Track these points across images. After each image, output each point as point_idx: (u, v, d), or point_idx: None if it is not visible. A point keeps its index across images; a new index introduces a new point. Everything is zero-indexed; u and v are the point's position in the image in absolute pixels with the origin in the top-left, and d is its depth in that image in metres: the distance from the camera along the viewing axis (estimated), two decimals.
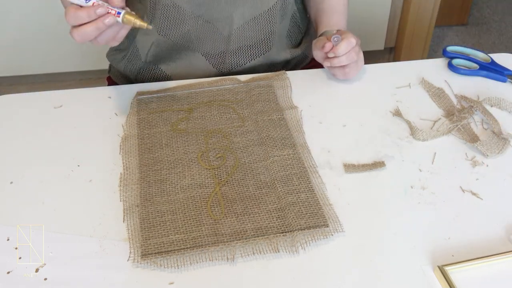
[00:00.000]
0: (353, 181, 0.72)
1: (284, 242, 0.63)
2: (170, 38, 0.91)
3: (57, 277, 0.60)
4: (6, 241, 0.64)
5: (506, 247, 0.63)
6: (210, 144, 0.77)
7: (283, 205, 0.67)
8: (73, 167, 0.74)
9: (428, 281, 0.59)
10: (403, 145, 0.78)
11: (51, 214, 0.68)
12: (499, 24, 2.54)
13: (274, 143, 0.76)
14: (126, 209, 0.67)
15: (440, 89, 0.88)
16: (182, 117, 0.82)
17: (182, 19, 0.88)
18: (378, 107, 0.85)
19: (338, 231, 0.65)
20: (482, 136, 0.79)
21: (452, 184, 0.72)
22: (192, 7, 0.86)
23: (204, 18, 0.88)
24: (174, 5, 0.86)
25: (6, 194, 0.70)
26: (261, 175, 0.72)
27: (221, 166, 0.73)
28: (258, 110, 0.83)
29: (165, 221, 0.65)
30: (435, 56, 2.31)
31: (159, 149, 0.76)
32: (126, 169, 0.73)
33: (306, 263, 0.62)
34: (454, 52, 0.96)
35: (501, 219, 0.66)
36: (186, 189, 0.70)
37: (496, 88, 0.89)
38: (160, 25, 0.89)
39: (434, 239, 0.64)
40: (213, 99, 0.85)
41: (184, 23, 0.88)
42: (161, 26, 0.89)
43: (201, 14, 0.87)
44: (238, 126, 0.80)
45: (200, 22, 0.88)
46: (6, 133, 0.80)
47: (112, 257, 0.62)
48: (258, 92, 0.86)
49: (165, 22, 0.88)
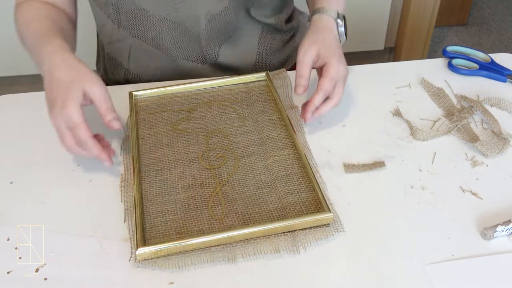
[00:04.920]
0: (353, 181, 0.72)
1: (285, 242, 0.63)
2: (145, 40, 0.90)
3: (57, 277, 0.60)
4: (6, 241, 0.64)
5: (506, 247, 0.63)
6: (211, 144, 0.77)
7: (284, 205, 0.67)
8: (73, 167, 0.74)
9: (429, 281, 0.59)
10: (403, 145, 0.78)
11: (51, 214, 0.68)
12: (499, 24, 2.54)
13: (274, 143, 0.76)
14: (127, 209, 0.67)
15: (440, 89, 0.88)
16: (183, 117, 0.82)
17: (149, 21, 0.87)
18: (378, 107, 0.85)
19: (339, 230, 0.65)
20: (482, 136, 0.79)
21: (452, 184, 0.72)
22: (155, 8, 0.86)
23: (171, 20, 0.88)
24: (138, 9, 0.85)
25: (6, 194, 0.70)
26: (262, 175, 0.72)
27: (222, 166, 0.73)
28: (258, 110, 0.83)
29: (166, 221, 0.65)
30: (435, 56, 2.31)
31: (159, 149, 0.76)
32: (126, 169, 0.73)
33: (306, 262, 0.62)
34: (454, 52, 0.96)
35: (501, 219, 0.66)
36: (187, 189, 0.70)
37: (496, 88, 0.89)
38: (130, 27, 0.89)
39: (434, 239, 0.64)
40: (213, 99, 0.85)
41: (153, 26, 0.88)
42: (132, 29, 0.89)
43: (166, 16, 0.87)
44: (238, 126, 0.80)
45: (167, 24, 0.88)
46: (6, 133, 0.80)
47: (112, 257, 0.62)
48: (258, 92, 0.86)
49: (134, 25, 0.88)
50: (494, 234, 0.63)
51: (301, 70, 0.77)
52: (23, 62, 1.99)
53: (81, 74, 0.69)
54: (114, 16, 0.88)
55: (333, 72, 0.76)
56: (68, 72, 0.69)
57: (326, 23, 0.82)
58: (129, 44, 0.92)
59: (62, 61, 0.70)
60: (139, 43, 0.91)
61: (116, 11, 0.87)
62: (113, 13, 0.88)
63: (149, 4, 0.85)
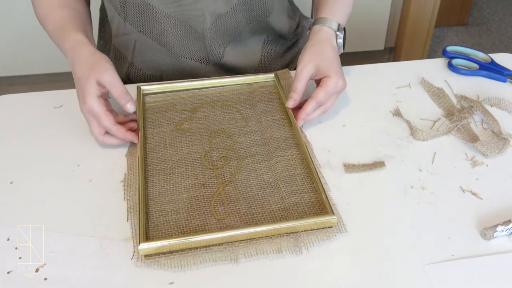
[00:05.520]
0: (353, 181, 0.72)
1: (288, 243, 0.63)
2: (149, 36, 0.90)
3: (57, 277, 0.60)
4: (6, 241, 0.64)
5: (506, 247, 0.63)
6: (214, 144, 0.77)
7: (286, 206, 0.67)
8: (73, 167, 0.74)
9: (429, 281, 0.59)
10: (403, 145, 0.78)
11: (51, 214, 0.68)
12: (499, 24, 2.54)
13: (277, 143, 0.76)
14: (129, 208, 0.67)
15: (440, 89, 0.88)
16: (186, 117, 0.82)
17: (155, 17, 0.88)
18: (378, 107, 0.85)
19: (342, 231, 0.65)
20: (482, 136, 0.79)
21: (452, 184, 0.72)
22: (161, 5, 0.86)
23: (176, 17, 0.88)
24: (144, 3, 0.86)
25: (6, 194, 0.70)
26: (265, 175, 0.72)
27: (225, 166, 0.73)
28: (261, 110, 0.83)
29: (169, 220, 0.65)
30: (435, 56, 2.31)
31: (163, 148, 0.76)
32: (130, 169, 0.73)
33: (306, 262, 0.62)
34: (454, 52, 0.96)
35: (501, 219, 0.66)
36: (190, 188, 0.70)
37: (496, 88, 0.89)
38: (136, 22, 0.89)
39: (434, 239, 0.64)
40: (216, 99, 0.85)
41: (158, 22, 0.88)
42: (137, 24, 0.89)
43: (172, 13, 0.87)
44: (241, 126, 0.80)
45: (173, 21, 0.88)
46: (6, 133, 0.80)
47: (112, 257, 0.62)
48: (261, 93, 0.86)
49: (139, 20, 0.89)
50: (494, 234, 0.63)
51: (296, 85, 0.79)
52: (23, 62, 2.00)
53: (91, 66, 0.74)
54: (121, 9, 0.88)
55: (331, 86, 0.78)
56: (81, 67, 0.75)
57: (325, 35, 0.84)
58: (134, 38, 0.92)
59: (77, 57, 0.76)
60: (144, 39, 0.91)
61: (123, 4, 0.87)
62: (120, 7, 0.88)
63: (156, 0, 0.86)
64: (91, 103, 0.72)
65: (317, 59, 0.80)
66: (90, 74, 0.73)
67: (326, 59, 0.80)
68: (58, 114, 0.83)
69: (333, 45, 0.83)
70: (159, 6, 0.86)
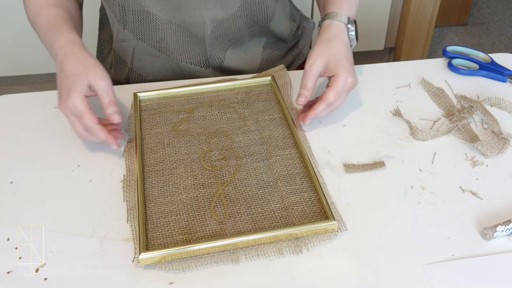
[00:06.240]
0: (353, 181, 0.72)
1: (288, 243, 0.63)
2: (148, 43, 0.90)
3: (57, 277, 0.60)
4: (6, 241, 0.64)
5: (506, 247, 0.63)
6: (212, 144, 0.77)
7: (286, 205, 0.67)
8: (73, 167, 0.74)
9: (428, 281, 0.59)
10: (403, 145, 0.78)
11: (51, 214, 0.68)
12: (499, 24, 2.54)
13: (276, 142, 0.76)
14: (129, 209, 0.67)
15: (440, 89, 0.88)
16: (184, 118, 0.82)
17: (155, 25, 0.87)
18: (378, 107, 0.85)
19: (342, 230, 0.65)
20: (482, 136, 0.79)
21: (452, 184, 0.72)
22: (161, 12, 0.86)
23: (176, 24, 0.88)
24: (144, 11, 0.86)
25: (6, 194, 0.70)
26: (264, 174, 0.72)
27: (224, 166, 0.73)
28: (259, 110, 0.83)
29: (169, 221, 0.65)
30: (435, 56, 2.31)
31: (161, 149, 0.76)
32: (128, 170, 0.73)
33: (307, 262, 0.62)
34: (454, 52, 0.96)
35: (501, 219, 0.66)
36: (189, 189, 0.70)
37: (496, 88, 0.89)
38: (135, 30, 0.89)
39: (434, 239, 0.64)
40: (213, 99, 0.85)
41: (158, 29, 0.88)
42: (136, 31, 0.89)
43: (172, 19, 0.87)
44: (239, 126, 0.80)
45: (173, 27, 0.88)
46: (6, 133, 0.80)
47: (112, 257, 0.62)
48: (258, 92, 0.86)
49: (139, 27, 0.88)
50: (494, 234, 0.63)
51: (306, 82, 0.78)
52: (23, 62, 2.00)
53: (88, 68, 0.73)
54: (120, 17, 0.88)
55: (341, 85, 0.77)
56: (76, 65, 0.73)
57: (336, 29, 0.82)
58: (132, 45, 0.92)
59: (71, 55, 0.74)
60: (143, 46, 0.91)
61: (122, 12, 0.87)
62: (119, 14, 0.88)
63: (155, 7, 0.85)
64: (76, 100, 0.70)
65: (325, 55, 0.78)
66: (84, 74, 0.72)
67: (335, 56, 0.79)
68: (58, 114, 0.83)
69: (343, 40, 0.81)
70: (159, 14, 0.86)
